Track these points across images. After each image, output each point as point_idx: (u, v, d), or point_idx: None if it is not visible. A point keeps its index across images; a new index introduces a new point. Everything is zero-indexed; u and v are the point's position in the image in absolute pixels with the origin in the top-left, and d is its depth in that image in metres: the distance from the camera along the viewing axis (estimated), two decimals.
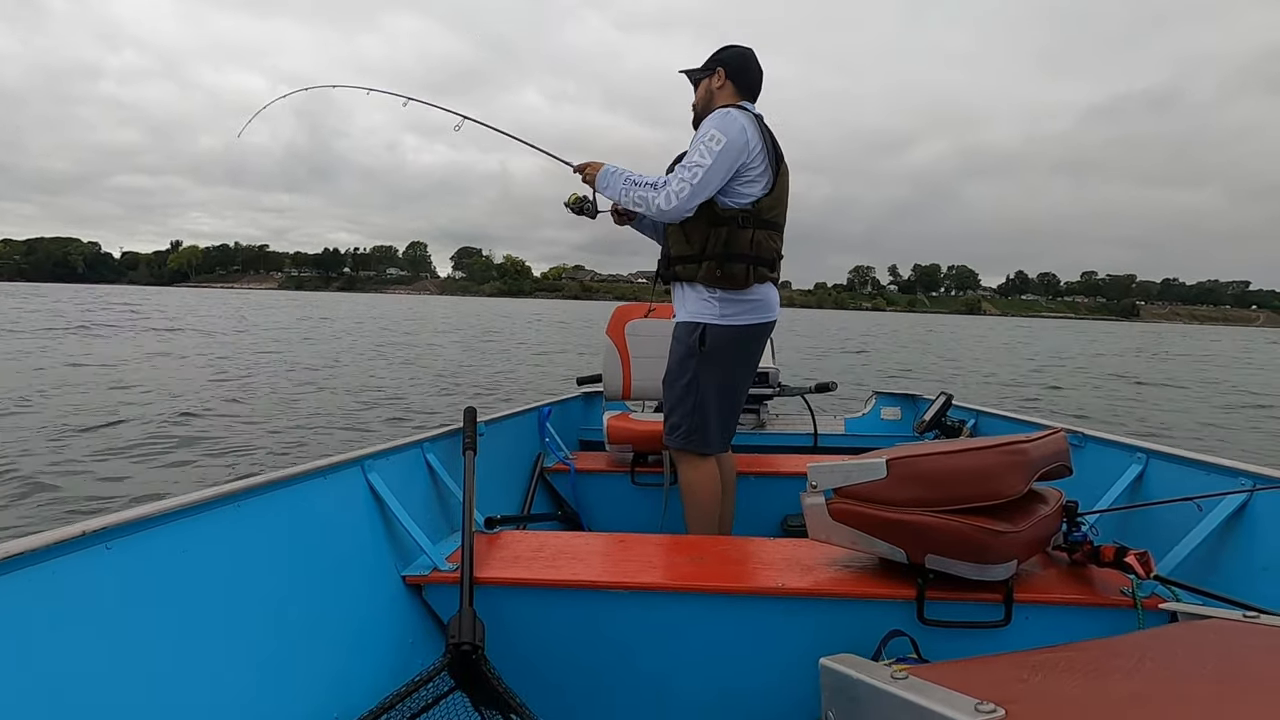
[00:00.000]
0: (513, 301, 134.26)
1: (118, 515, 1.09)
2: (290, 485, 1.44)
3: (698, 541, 1.89)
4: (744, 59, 2.19)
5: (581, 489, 2.73)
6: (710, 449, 2.18)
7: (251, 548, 1.31)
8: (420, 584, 1.64)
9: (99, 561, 1.04)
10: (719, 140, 1.98)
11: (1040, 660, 1.03)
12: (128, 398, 8.42)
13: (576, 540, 1.86)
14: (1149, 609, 1.44)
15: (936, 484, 1.43)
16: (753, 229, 2.07)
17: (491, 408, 2.50)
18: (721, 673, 1.55)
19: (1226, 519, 1.60)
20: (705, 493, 2.18)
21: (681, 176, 1.99)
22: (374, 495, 1.68)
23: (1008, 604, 1.47)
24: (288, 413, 7.87)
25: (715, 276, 2.07)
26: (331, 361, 13.66)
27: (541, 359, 16.09)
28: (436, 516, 1.90)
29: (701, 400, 2.13)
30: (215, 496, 1.26)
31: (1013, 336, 37.47)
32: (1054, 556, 1.65)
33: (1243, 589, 1.46)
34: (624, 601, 1.55)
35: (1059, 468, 1.57)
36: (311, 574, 1.42)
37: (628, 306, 3.12)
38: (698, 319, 2.12)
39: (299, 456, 5.78)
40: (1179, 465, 1.83)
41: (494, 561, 1.68)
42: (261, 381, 10.39)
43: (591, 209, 2.31)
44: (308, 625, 1.36)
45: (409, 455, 1.88)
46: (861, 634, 1.46)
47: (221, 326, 23.95)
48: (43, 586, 0.96)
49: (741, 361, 2.18)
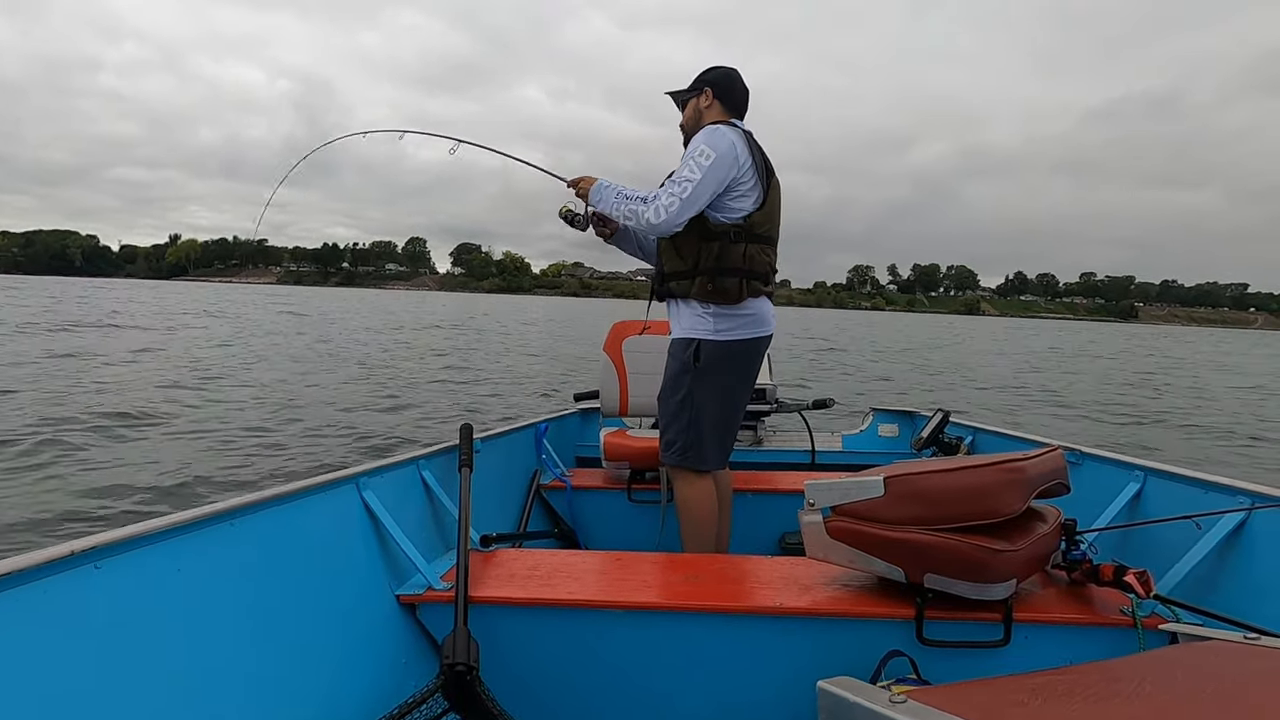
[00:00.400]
0: (512, 298, 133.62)
1: (107, 535, 1.08)
2: (284, 503, 1.43)
3: (694, 560, 1.88)
4: (730, 79, 2.20)
5: (578, 506, 2.72)
6: (706, 466, 2.16)
7: (244, 566, 1.30)
8: (415, 603, 1.62)
9: (88, 581, 1.03)
10: (708, 155, 1.98)
11: (1040, 683, 1.02)
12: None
13: (573, 559, 1.85)
14: (1149, 629, 1.44)
15: (934, 502, 1.43)
16: (745, 243, 2.06)
17: (485, 426, 2.49)
18: (718, 693, 1.54)
19: (1225, 538, 1.60)
20: (701, 510, 2.16)
21: (671, 191, 1.99)
22: (368, 513, 1.67)
23: (1007, 623, 1.46)
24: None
25: (708, 292, 2.06)
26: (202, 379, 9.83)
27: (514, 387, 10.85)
28: (431, 534, 1.89)
29: (697, 416, 2.12)
30: (207, 515, 1.25)
31: (993, 341, 36.92)
32: (1053, 575, 1.64)
33: (1243, 609, 1.45)
34: (620, 621, 1.54)
35: (1057, 485, 1.56)
36: (304, 593, 1.41)
37: (625, 323, 3.12)
38: (692, 335, 2.11)
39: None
40: (1177, 483, 1.83)
41: (489, 580, 1.66)
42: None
43: (582, 221, 2.35)
44: (301, 645, 1.35)
45: (404, 473, 1.87)
46: (860, 654, 1.45)
47: (156, 323, 20.93)
48: (31, 607, 0.96)
49: (737, 377, 2.17)
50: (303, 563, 1.43)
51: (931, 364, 19.23)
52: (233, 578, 1.27)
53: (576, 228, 2.36)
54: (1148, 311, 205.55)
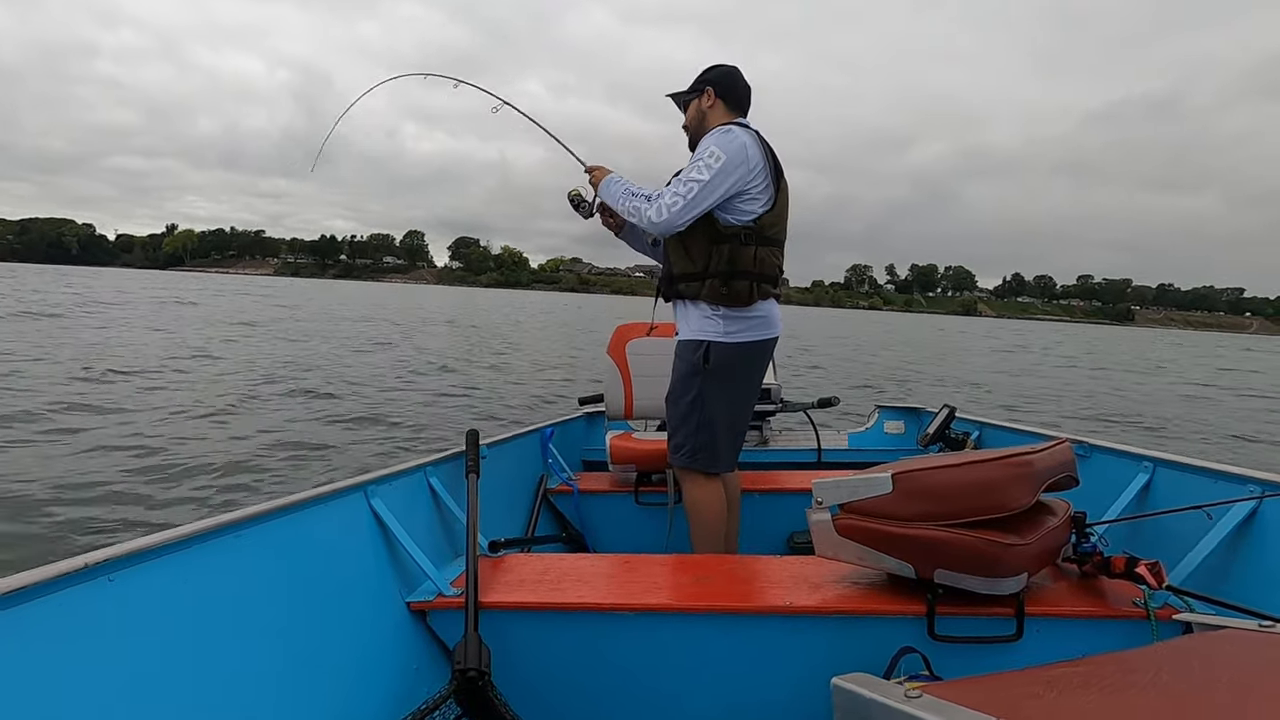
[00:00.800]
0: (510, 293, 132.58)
1: (120, 547, 1.09)
2: (292, 512, 1.44)
3: (703, 561, 1.87)
4: (731, 77, 2.19)
5: (585, 510, 2.71)
6: (716, 467, 2.15)
7: (254, 576, 1.30)
8: (425, 610, 1.62)
9: (101, 594, 1.04)
10: (719, 158, 1.97)
11: (1056, 676, 1.02)
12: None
13: (581, 562, 1.85)
14: (1162, 620, 1.43)
15: (943, 497, 1.43)
16: (755, 246, 2.05)
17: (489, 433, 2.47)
18: (731, 694, 1.54)
19: (1236, 527, 1.59)
20: (711, 512, 2.16)
21: (676, 190, 1.98)
22: (377, 520, 1.66)
23: (1019, 618, 1.45)
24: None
25: (720, 294, 2.05)
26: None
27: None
28: (440, 541, 1.89)
29: (707, 418, 2.11)
30: (217, 526, 1.25)
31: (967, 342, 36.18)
32: (1064, 568, 1.64)
33: (1257, 598, 1.44)
34: (630, 624, 1.54)
35: (1065, 478, 1.56)
36: (315, 602, 1.41)
37: (628, 325, 3.12)
38: (701, 336, 2.10)
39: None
40: (1186, 473, 1.82)
41: (499, 585, 1.66)
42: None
43: (588, 208, 2.35)
44: (312, 654, 1.35)
45: (412, 479, 1.87)
46: (872, 651, 1.44)
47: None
48: (45, 620, 0.96)
49: (746, 378, 2.17)
50: (312, 572, 1.43)
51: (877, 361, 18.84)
52: (243, 588, 1.27)
53: (581, 214, 2.36)
54: (1144, 315, 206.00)
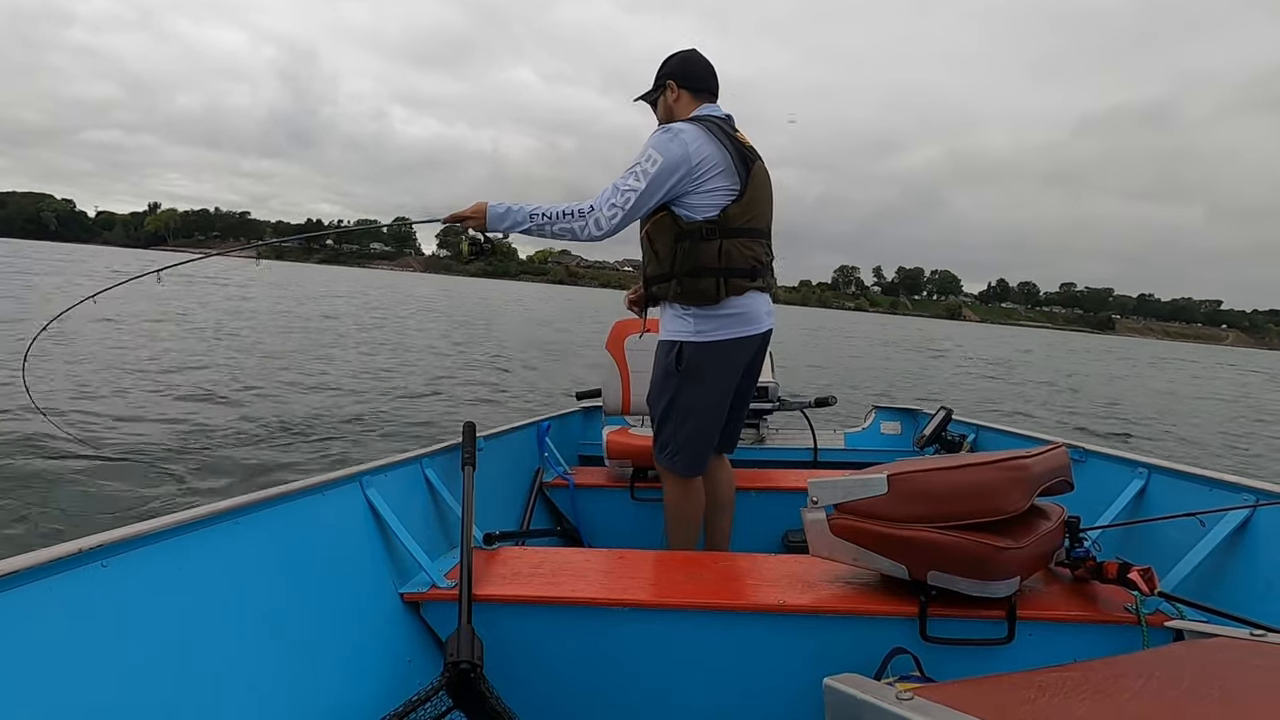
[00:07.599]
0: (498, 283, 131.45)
1: (114, 533, 1.08)
2: (288, 501, 1.43)
3: (697, 558, 1.87)
4: (687, 62, 2.12)
5: (581, 504, 2.71)
6: (691, 470, 2.12)
7: (249, 565, 1.29)
8: (418, 601, 1.62)
9: (95, 579, 1.03)
10: (655, 162, 1.93)
11: (1047, 680, 1.02)
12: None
13: (576, 557, 1.84)
14: (1154, 626, 1.44)
15: (938, 500, 1.43)
16: (720, 239, 1.97)
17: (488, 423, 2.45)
18: (722, 691, 1.54)
19: (1229, 535, 1.61)
20: (682, 512, 2.13)
21: (613, 201, 1.94)
22: (372, 511, 1.66)
23: (1011, 621, 1.46)
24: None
25: (687, 293, 2.00)
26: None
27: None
28: (435, 533, 1.88)
29: (682, 420, 2.08)
30: (212, 513, 1.25)
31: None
32: (1057, 573, 1.65)
33: (1248, 606, 1.46)
34: (624, 619, 1.54)
35: (1060, 483, 1.57)
36: (309, 591, 1.40)
37: (626, 321, 3.09)
38: (675, 337, 2.06)
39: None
40: (1181, 480, 1.84)
41: (493, 578, 1.66)
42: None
43: (489, 246, 2.22)
44: (305, 642, 1.34)
45: (408, 471, 1.86)
46: (864, 652, 1.45)
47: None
48: (38, 605, 0.96)
49: (722, 379, 2.10)
50: (307, 561, 1.43)
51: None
52: (237, 576, 1.26)
53: (486, 255, 2.24)
54: (1124, 324, 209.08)
